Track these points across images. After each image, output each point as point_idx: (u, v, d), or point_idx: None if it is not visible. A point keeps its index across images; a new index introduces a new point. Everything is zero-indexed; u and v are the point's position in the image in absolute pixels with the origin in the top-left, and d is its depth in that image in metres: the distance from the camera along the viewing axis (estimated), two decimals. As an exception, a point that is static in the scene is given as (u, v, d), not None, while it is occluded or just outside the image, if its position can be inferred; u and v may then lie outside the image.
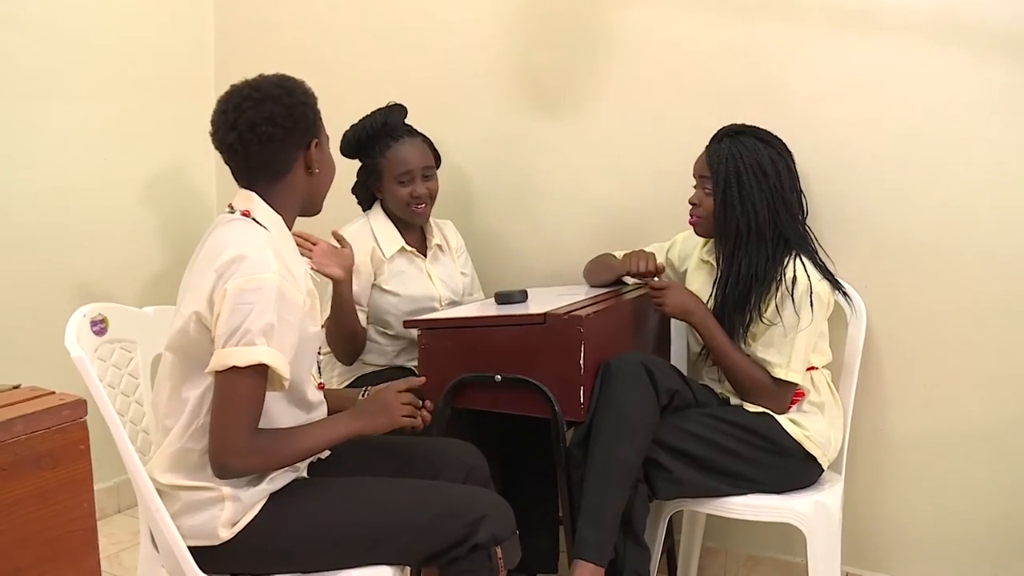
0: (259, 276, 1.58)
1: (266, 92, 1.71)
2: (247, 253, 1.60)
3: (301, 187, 1.77)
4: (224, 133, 1.71)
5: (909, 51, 2.20)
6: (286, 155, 1.72)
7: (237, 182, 1.77)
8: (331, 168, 1.85)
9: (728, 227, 2.09)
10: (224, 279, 1.59)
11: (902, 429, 2.31)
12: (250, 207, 1.71)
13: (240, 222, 1.69)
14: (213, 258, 1.62)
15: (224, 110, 1.72)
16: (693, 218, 2.17)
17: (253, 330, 1.56)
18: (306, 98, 1.76)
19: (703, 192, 2.14)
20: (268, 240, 1.66)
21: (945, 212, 2.20)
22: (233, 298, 1.57)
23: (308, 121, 1.74)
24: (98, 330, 1.87)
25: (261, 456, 1.64)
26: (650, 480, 2.04)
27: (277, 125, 1.69)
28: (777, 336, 2.06)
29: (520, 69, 2.70)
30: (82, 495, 1.33)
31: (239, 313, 1.56)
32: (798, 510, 2.05)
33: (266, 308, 1.57)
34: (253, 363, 1.56)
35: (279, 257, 1.64)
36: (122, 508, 2.96)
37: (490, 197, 2.78)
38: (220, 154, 1.76)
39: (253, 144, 1.69)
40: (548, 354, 1.99)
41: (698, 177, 2.15)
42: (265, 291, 1.58)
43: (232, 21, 3.20)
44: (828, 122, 2.29)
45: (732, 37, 2.39)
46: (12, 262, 2.65)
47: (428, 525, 1.69)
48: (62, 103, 2.76)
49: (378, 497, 1.72)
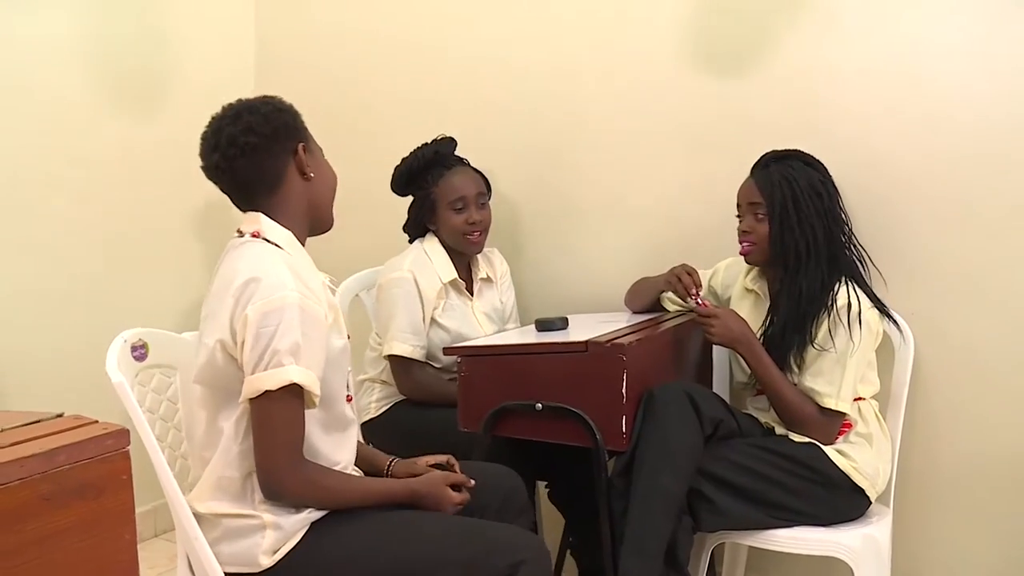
0: (277, 296, 1.57)
1: (241, 107, 1.72)
2: (261, 275, 1.59)
3: (301, 196, 1.74)
4: (209, 156, 1.71)
5: (957, 72, 2.16)
6: (274, 163, 1.71)
7: (239, 207, 1.76)
8: (329, 175, 1.82)
9: (787, 252, 2.06)
10: (242, 304, 1.58)
11: (952, 460, 2.25)
12: (258, 227, 1.70)
13: (250, 244, 1.68)
14: (228, 284, 1.62)
15: (206, 136, 1.73)
16: (746, 246, 2.13)
17: (281, 350, 1.55)
18: (283, 106, 1.76)
19: (753, 219, 2.10)
20: (281, 258, 1.65)
21: (994, 237, 2.15)
22: (255, 322, 1.56)
23: (289, 126, 1.73)
24: (138, 355, 1.86)
25: (312, 486, 1.63)
26: (694, 511, 1.99)
27: (256, 133, 1.68)
28: (827, 365, 2.02)
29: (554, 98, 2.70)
30: (124, 526, 1.33)
31: (264, 336, 1.56)
32: (846, 543, 2.00)
33: (289, 327, 1.56)
34: (285, 384, 1.55)
35: (295, 273, 1.62)
36: (159, 532, 2.95)
37: (532, 226, 2.77)
38: (214, 183, 1.75)
39: (237, 158, 1.68)
40: (590, 382, 1.96)
41: (746, 204, 2.12)
42: (286, 310, 1.56)
43: (273, 54, 3.24)
44: (873, 145, 2.25)
45: (770, 60, 2.37)
46: (54, 287, 2.67)
47: (467, 563, 1.66)
48: (106, 131, 2.78)
49: (419, 532, 1.69)
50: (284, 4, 3.24)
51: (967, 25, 2.15)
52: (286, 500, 1.63)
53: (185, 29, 3.02)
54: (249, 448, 1.64)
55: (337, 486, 1.68)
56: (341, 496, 1.68)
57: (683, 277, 2.19)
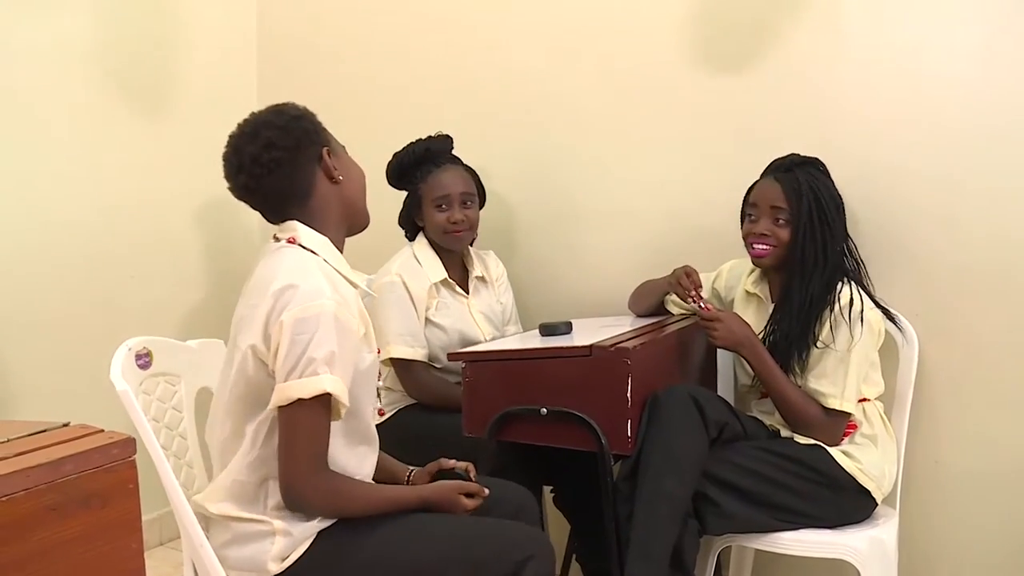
0: (314, 304, 1.56)
1: (257, 124, 1.70)
2: (298, 282, 1.58)
3: (334, 200, 1.73)
4: (235, 178, 1.70)
5: (961, 77, 2.17)
6: (302, 174, 1.70)
7: (271, 221, 1.75)
8: (358, 173, 1.81)
9: (805, 259, 2.06)
10: (277, 311, 1.57)
11: (958, 461, 2.24)
12: (295, 234, 1.70)
13: (287, 249, 1.68)
14: (264, 289, 1.61)
15: (227, 158, 1.71)
16: (761, 248, 2.11)
17: (317, 359, 1.55)
18: (299, 112, 1.74)
19: (773, 223, 2.09)
20: (318, 265, 1.64)
21: (998, 238, 2.15)
22: (291, 329, 1.55)
23: (309, 133, 1.71)
24: (143, 363, 1.86)
25: (333, 495, 1.63)
26: (700, 515, 1.99)
27: (279, 148, 1.67)
28: (830, 366, 2.02)
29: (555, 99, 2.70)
30: (131, 535, 1.32)
31: (299, 344, 1.55)
32: (852, 545, 1.99)
33: (325, 336, 1.56)
34: (319, 393, 1.55)
35: (330, 282, 1.62)
36: (164, 540, 2.95)
37: (533, 228, 2.78)
38: (243, 202, 1.73)
39: (264, 176, 1.67)
40: (594, 387, 1.96)
41: (768, 207, 2.09)
42: (323, 318, 1.56)
43: (275, 53, 3.24)
44: (877, 146, 2.25)
45: (772, 62, 2.37)
46: (56, 296, 2.67)
47: (476, 562, 1.66)
48: (104, 138, 2.78)
49: (426, 535, 1.69)
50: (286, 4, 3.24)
51: (969, 28, 2.15)
52: (307, 509, 1.63)
53: (189, 32, 3.03)
54: (267, 454, 1.64)
55: (356, 495, 1.68)
56: (359, 505, 1.67)
57: (682, 279, 2.18)
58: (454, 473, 1.86)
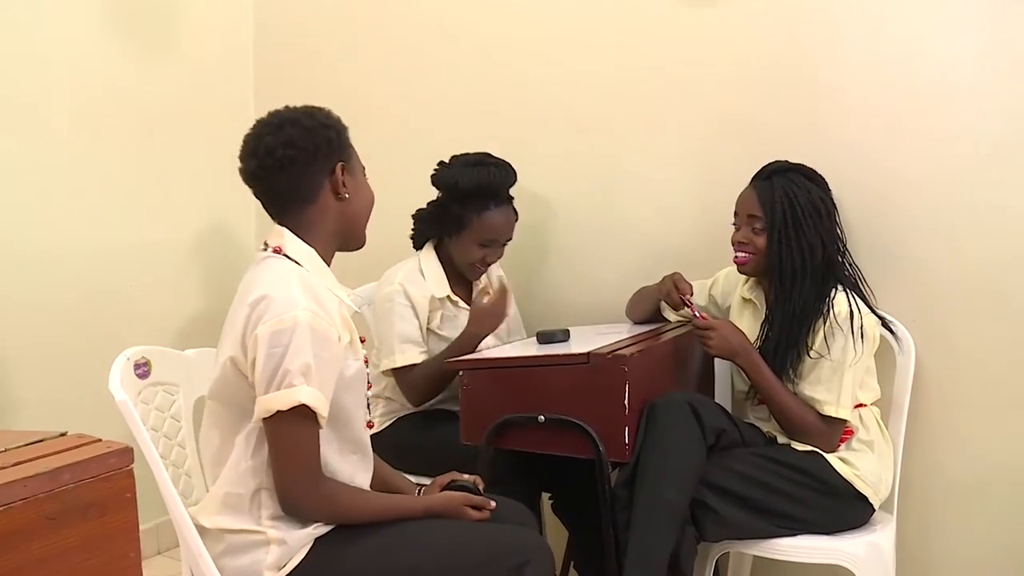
0: (287, 315, 1.56)
1: (285, 118, 1.70)
2: (272, 293, 1.59)
3: (332, 215, 1.73)
4: (247, 161, 1.71)
5: (956, 85, 2.17)
6: (310, 179, 1.69)
7: (271, 216, 1.75)
8: (367, 196, 1.80)
9: (783, 266, 2.06)
10: (253, 322, 1.58)
11: (955, 467, 2.25)
12: (281, 243, 1.70)
13: (270, 260, 1.68)
14: (243, 301, 1.62)
15: (247, 140, 1.72)
16: (742, 256, 2.12)
17: (292, 371, 1.55)
18: (329, 121, 1.73)
19: (751, 231, 2.10)
20: (297, 276, 1.64)
21: (995, 245, 2.16)
22: (266, 342, 1.56)
23: (331, 143, 1.70)
24: (141, 373, 1.87)
25: (330, 502, 1.64)
26: (697, 521, 1.99)
27: (296, 148, 1.66)
28: (825, 372, 2.02)
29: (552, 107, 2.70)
30: (129, 544, 1.33)
31: (274, 357, 1.55)
32: (849, 551, 1.99)
33: (300, 347, 1.56)
34: (295, 404, 1.55)
35: (309, 292, 1.62)
36: (162, 550, 2.95)
37: (529, 235, 2.76)
38: (248, 187, 1.74)
39: (274, 170, 1.67)
40: (592, 394, 1.96)
41: (745, 216, 2.12)
42: (297, 330, 1.56)
43: (271, 73, 3.23)
44: (874, 152, 2.25)
45: (771, 70, 2.37)
46: (55, 305, 2.67)
47: (474, 568, 1.66)
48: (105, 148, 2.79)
49: (424, 542, 1.69)
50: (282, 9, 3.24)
51: (969, 33, 2.16)
52: (305, 517, 1.64)
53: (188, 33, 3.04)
54: (258, 465, 1.64)
55: (356, 502, 1.69)
56: (357, 512, 1.68)
57: (672, 293, 2.19)
58: (461, 485, 1.85)
